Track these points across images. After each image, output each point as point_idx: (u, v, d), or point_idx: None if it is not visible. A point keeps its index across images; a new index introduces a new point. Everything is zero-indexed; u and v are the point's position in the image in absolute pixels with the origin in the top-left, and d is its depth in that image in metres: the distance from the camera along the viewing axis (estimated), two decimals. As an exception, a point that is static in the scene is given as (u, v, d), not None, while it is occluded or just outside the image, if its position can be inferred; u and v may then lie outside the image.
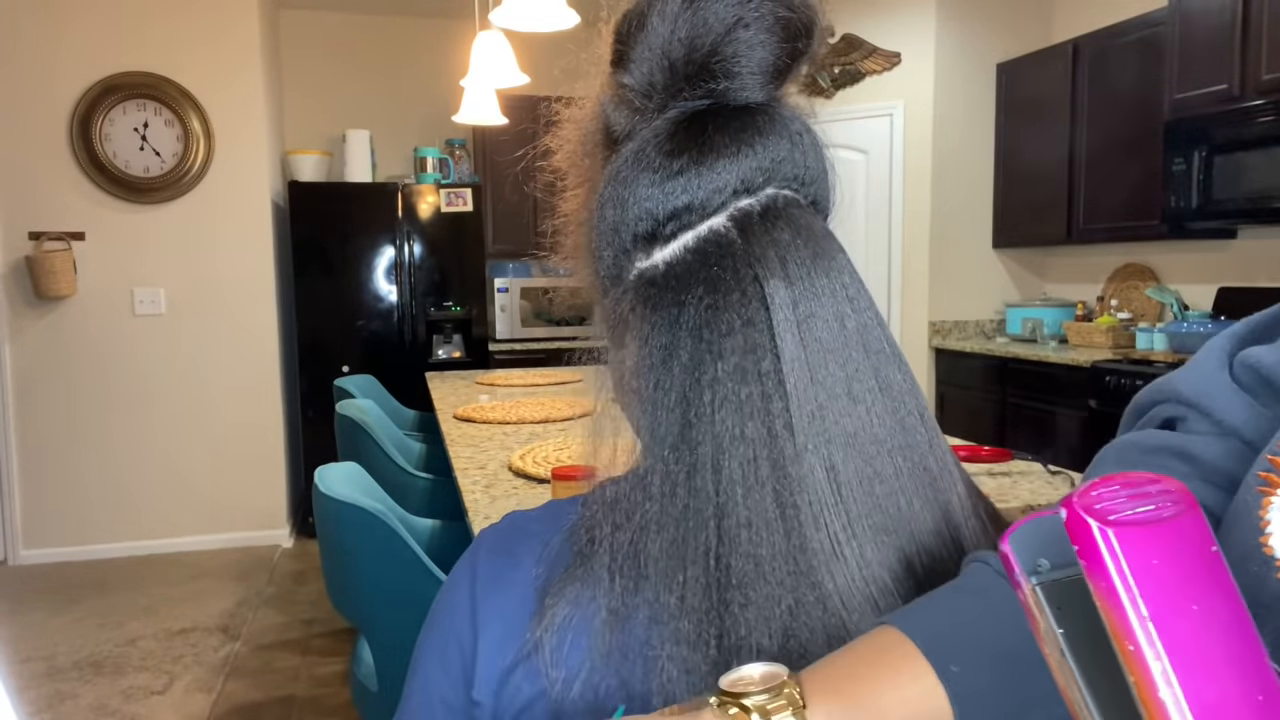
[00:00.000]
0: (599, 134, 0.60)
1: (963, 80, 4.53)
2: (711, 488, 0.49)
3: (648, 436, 0.53)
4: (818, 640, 0.48)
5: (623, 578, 0.51)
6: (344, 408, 2.53)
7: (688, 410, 0.51)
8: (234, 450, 4.20)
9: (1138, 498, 0.31)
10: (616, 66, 0.57)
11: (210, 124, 4.03)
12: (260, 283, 4.19)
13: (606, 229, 0.57)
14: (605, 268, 0.58)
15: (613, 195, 0.56)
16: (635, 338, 0.55)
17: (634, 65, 0.56)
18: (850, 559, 0.50)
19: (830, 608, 0.49)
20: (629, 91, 0.57)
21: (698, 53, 0.54)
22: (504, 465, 1.92)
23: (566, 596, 0.52)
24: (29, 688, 2.80)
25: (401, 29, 4.99)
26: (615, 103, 0.58)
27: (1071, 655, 0.33)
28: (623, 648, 0.50)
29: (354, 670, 1.73)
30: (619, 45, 0.57)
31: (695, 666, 0.48)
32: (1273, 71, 3.09)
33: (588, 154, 0.61)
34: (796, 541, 0.49)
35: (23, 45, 3.82)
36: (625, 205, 0.55)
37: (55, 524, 4.01)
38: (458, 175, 4.68)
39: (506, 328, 4.82)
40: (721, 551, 0.49)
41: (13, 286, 3.89)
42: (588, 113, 0.61)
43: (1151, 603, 0.29)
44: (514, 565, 0.56)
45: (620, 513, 0.52)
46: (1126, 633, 0.30)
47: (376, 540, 1.53)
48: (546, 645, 0.51)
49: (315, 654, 3.04)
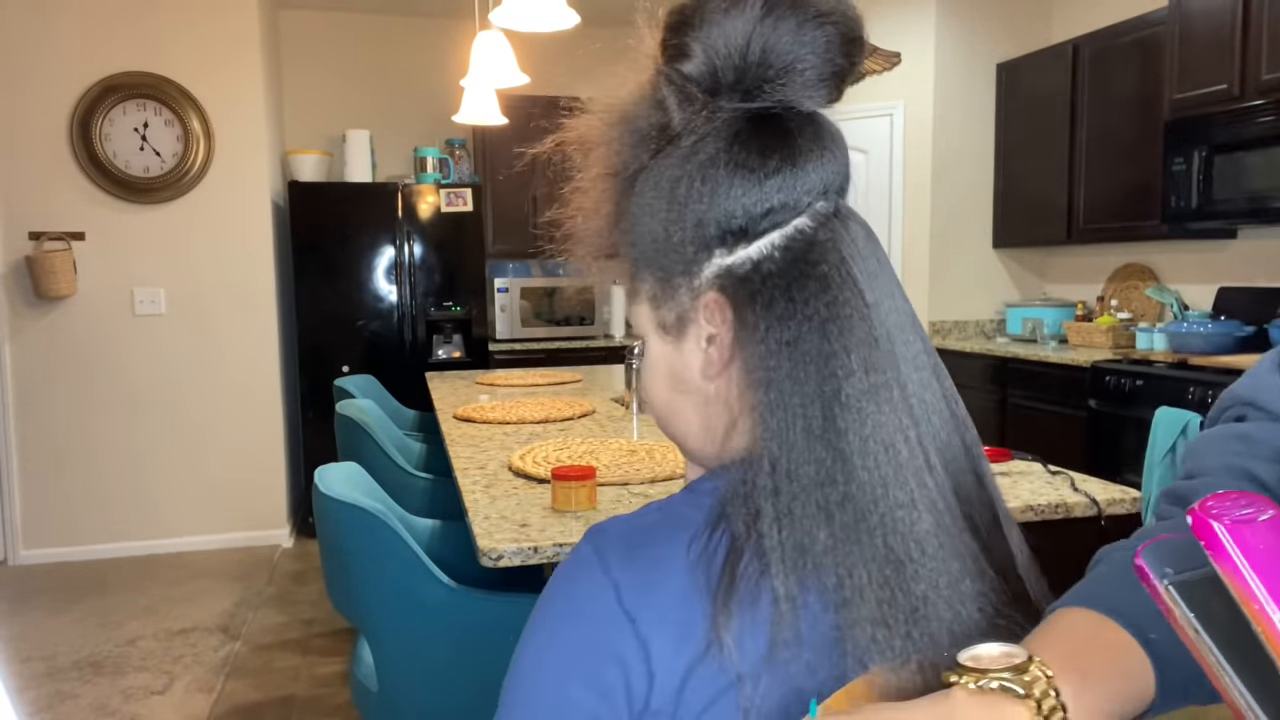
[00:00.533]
0: (650, 125, 0.60)
1: (963, 80, 4.53)
2: (865, 474, 0.53)
3: (777, 426, 0.54)
4: (974, 608, 0.54)
5: (792, 568, 0.52)
6: (344, 408, 2.53)
7: (829, 403, 0.54)
8: (234, 450, 4.20)
9: (1238, 505, 0.43)
10: (676, 58, 0.58)
11: (210, 124, 4.03)
12: (260, 283, 4.19)
13: (689, 223, 0.58)
14: (674, 261, 0.59)
15: (697, 190, 0.57)
16: (748, 331, 0.57)
17: (696, 58, 0.57)
18: (982, 528, 0.57)
19: (985, 576, 0.55)
20: (690, 84, 0.58)
21: (772, 56, 0.56)
22: (504, 465, 1.92)
23: (738, 592, 0.53)
24: (29, 688, 2.80)
25: (401, 29, 4.99)
26: (677, 95, 0.58)
27: (1206, 633, 0.43)
28: (803, 635, 0.53)
29: (354, 670, 1.73)
30: (677, 37, 0.58)
31: (889, 644, 0.52)
32: (1273, 71, 3.09)
33: (631, 145, 0.60)
34: (940, 518, 0.54)
35: (23, 45, 3.82)
36: (715, 200, 0.57)
37: (55, 524, 4.01)
38: (458, 175, 4.68)
39: (506, 328, 4.82)
40: (887, 533, 0.53)
41: (13, 286, 3.90)
42: (625, 104, 0.61)
43: (1264, 574, 0.41)
44: (658, 567, 0.55)
45: (780, 505, 0.53)
46: (1251, 596, 0.41)
47: (376, 540, 1.53)
48: (728, 640, 0.52)
49: (315, 654, 3.04)
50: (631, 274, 0.63)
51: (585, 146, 0.64)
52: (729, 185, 0.57)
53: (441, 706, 1.57)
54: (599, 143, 0.62)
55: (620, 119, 0.61)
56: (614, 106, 0.62)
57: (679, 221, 0.58)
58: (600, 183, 0.63)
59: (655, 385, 0.64)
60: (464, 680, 1.57)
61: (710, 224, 0.57)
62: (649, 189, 0.59)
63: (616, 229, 0.63)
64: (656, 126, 0.59)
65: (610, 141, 0.61)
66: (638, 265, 0.62)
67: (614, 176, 0.62)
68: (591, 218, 0.64)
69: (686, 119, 0.58)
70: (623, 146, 0.61)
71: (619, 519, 0.60)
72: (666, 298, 0.60)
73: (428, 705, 1.58)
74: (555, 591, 0.58)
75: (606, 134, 0.62)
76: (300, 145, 4.81)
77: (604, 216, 0.63)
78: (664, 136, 0.59)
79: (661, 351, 0.63)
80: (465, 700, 1.56)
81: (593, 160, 0.63)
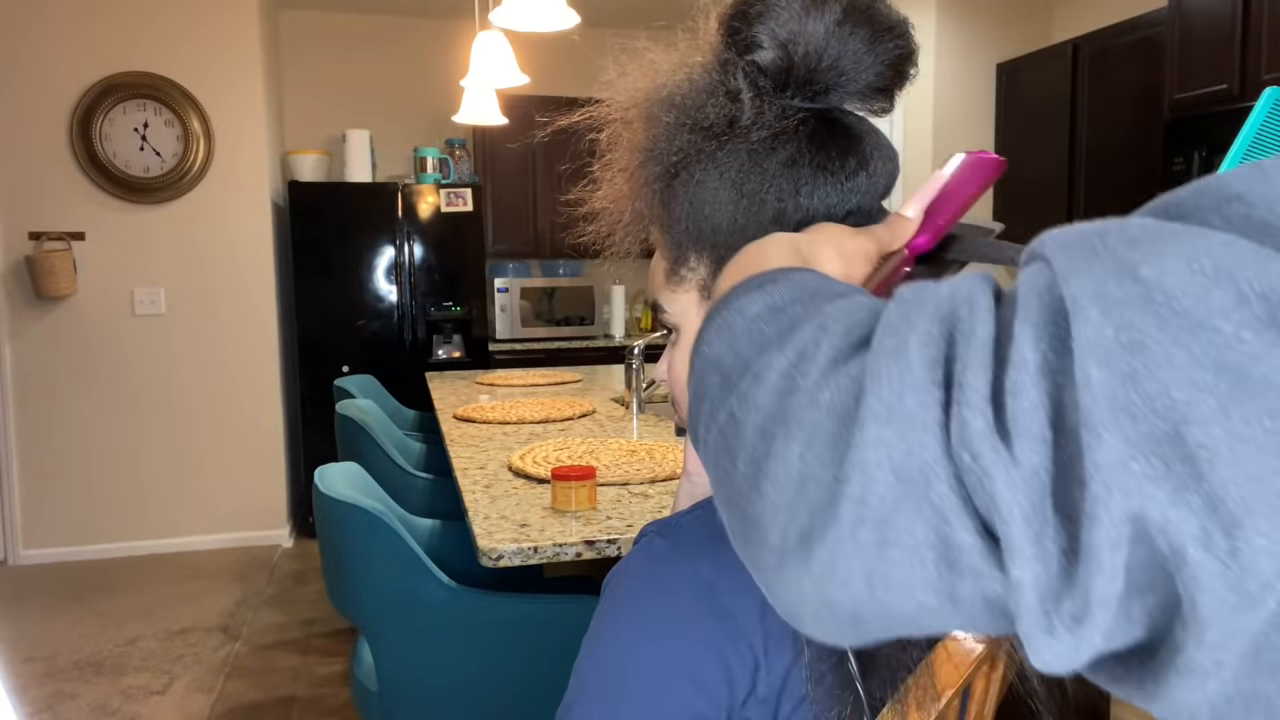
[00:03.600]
0: (718, 115, 0.59)
1: (963, 80, 4.53)
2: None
3: None
4: None
5: None
6: (344, 408, 2.53)
7: None
8: (234, 450, 4.20)
9: None
10: (750, 49, 0.58)
11: (210, 124, 4.03)
12: (260, 283, 4.19)
13: (767, 217, 0.58)
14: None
15: (778, 185, 0.58)
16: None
17: (771, 53, 0.58)
18: None
19: None
20: (760, 75, 0.58)
21: (844, 62, 0.58)
22: (504, 465, 1.92)
23: None
24: (29, 688, 2.80)
25: (401, 29, 4.99)
26: (751, 88, 0.58)
27: None
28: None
29: (354, 670, 1.73)
30: (752, 29, 0.58)
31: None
32: (1273, 71, 3.09)
33: (689, 132, 0.59)
34: None
35: (23, 45, 3.82)
36: (799, 198, 0.58)
37: (55, 524, 4.01)
38: (458, 175, 4.67)
39: (506, 328, 4.82)
40: None
41: (13, 286, 3.89)
42: (677, 90, 0.60)
43: None
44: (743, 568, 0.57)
45: None
46: None
47: (376, 540, 1.53)
48: (812, 644, 0.54)
49: (315, 654, 3.04)
50: (675, 259, 0.62)
51: (625, 127, 0.63)
52: (812, 185, 0.58)
53: (441, 706, 1.57)
54: (646, 125, 0.61)
55: (676, 104, 0.60)
56: (662, 89, 0.61)
57: (754, 214, 0.58)
58: (645, 166, 0.62)
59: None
60: (464, 680, 1.57)
61: (790, 221, 0.58)
62: (713, 178, 0.59)
63: (663, 213, 0.62)
64: (725, 117, 0.59)
65: (664, 126, 0.60)
66: (688, 252, 0.61)
67: (663, 160, 0.61)
68: (629, 200, 0.64)
69: (758, 112, 0.58)
70: (679, 131, 0.60)
71: (688, 516, 0.60)
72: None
73: (428, 705, 1.58)
74: (639, 590, 0.58)
75: (657, 117, 0.61)
76: (300, 145, 4.81)
77: (646, 200, 0.62)
78: (732, 127, 0.59)
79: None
80: (465, 700, 1.56)
81: (634, 142, 0.62)
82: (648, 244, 0.67)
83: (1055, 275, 0.30)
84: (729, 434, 0.37)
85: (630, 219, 0.64)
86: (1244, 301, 0.25)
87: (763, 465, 0.34)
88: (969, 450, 0.29)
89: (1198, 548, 0.25)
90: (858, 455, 0.31)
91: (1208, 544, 0.25)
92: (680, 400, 0.65)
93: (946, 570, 0.29)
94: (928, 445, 0.30)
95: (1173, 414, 0.25)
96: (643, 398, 2.55)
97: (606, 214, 0.66)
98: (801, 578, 0.33)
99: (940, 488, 0.29)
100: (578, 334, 4.94)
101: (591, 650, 0.59)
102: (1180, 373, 0.26)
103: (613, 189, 0.65)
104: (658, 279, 0.65)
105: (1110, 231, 0.30)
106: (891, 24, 0.58)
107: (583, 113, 0.65)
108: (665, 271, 0.64)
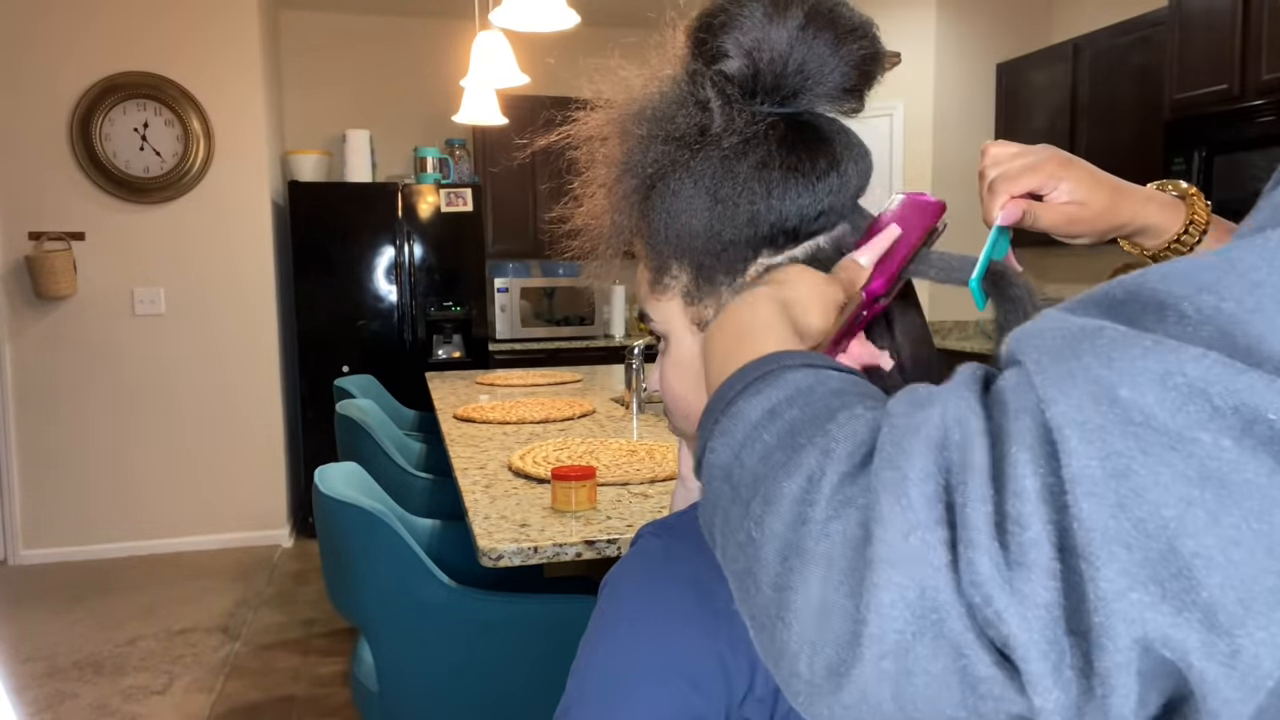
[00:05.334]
0: (689, 125, 0.60)
1: (963, 80, 4.53)
2: None
3: None
4: None
5: None
6: (344, 408, 2.53)
7: None
8: (234, 450, 4.20)
9: None
10: (716, 59, 0.59)
11: (210, 124, 4.03)
12: (260, 283, 4.19)
13: (740, 221, 0.59)
14: (718, 258, 0.60)
15: (750, 189, 0.58)
16: None
17: (737, 61, 0.59)
18: None
19: None
20: (730, 86, 0.59)
21: (810, 66, 0.59)
22: (504, 465, 1.92)
23: None
24: (29, 688, 2.80)
25: (401, 29, 4.99)
26: (720, 96, 0.59)
27: None
28: None
29: (354, 670, 1.73)
30: (717, 39, 0.59)
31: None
32: (1273, 71, 3.09)
33: (663, 142, 0.60)
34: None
35: (23, 45, 3.82)
36: (770, 201, 0.58)
37: (55, 524, 4.01)
38: (458, 175, 4.67)
39: (506, 328, 4.82)
40: None
41: (13, 286, 3.89)
42: (650, 102, 0.61)
43: None
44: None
45: None
46: None
47: (376, 540, 1.53)
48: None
49: (315, 654, 3.04)
50: (657, 269, 0.63)
51: (602, 143, 0.64)
52: (783, 187, 0.58)
53: (442, 706, 1.57)
54: (620, 140, 0.63)
55: (648, 117, 0.61)
56: (634, 104, 0.62)
57: (730, 219, 0.59)
58: (623, 180, 0.63)
59: (682, 383, 0.64)
60: (464, 680, 1.57)
61: (763, 224, 0.59)
62: (688, 187, 0.60)
63: (643, 224, 0.63)
64: (696, 126, 0.60)
65: (637, 139, 0.61)
66: (669, 260, 0.62)
67: (639, 173, 0.62)
68: (608, 214, 0.65)
69: (728, 120, 0.59)
70: (652, 144, 0.61)
71: (684, 517, 0.60)
72: (705, 294, 0.61)
73: (428, 705, 1.58)
74: (636, 590, 0.58)
75: (631, 131, 0.62)
76: (300, 145, 4.81)
77: (625, 213, 0.63)
78: (704, 136, 0.60)
79: (695, 349, 0.62)
80: (465, 700, 1.56)
81: (610, 157, 0.63)
82: (632, 255, 0.68)
83: (1039, 396, 0.31)
84: (749, 554, 0.39)
85: (612, 232, 0.65)
86: (1219, 414, 0.27)
87: (785, 596, 0.36)
88: (980, 594, 0.31)
89: (1201, 657, 0.27)
90: (872, 597, 0.33)
91: (1210, 653, 0.27)
92: (673, 408, 0.65)
93: (970, 693, 0.32)
94: (939, 587, 0.31)
95: (1165, 531, 0.27)
96: (642, 398, 2.55)
97: (589, 230, 0.67)
98: (834, 706, 0.35)
99: (954, 624, 0.31)
100: (578, 334, 4.94)
101: (588, 651, 0.58)
102: (1167, 491, 0.27)
103: (594, 205, 0.66)
104: (643, 289, 0.66)
105: (1083, 342, 0.31)
106: (855, 25, 0.59)
107: (559, 132, 0.66)
108: (649, 281, 0.65)
